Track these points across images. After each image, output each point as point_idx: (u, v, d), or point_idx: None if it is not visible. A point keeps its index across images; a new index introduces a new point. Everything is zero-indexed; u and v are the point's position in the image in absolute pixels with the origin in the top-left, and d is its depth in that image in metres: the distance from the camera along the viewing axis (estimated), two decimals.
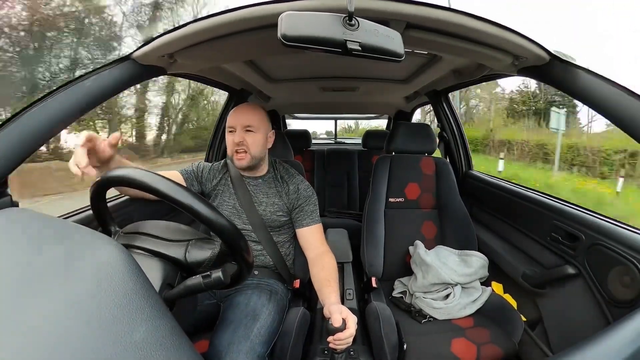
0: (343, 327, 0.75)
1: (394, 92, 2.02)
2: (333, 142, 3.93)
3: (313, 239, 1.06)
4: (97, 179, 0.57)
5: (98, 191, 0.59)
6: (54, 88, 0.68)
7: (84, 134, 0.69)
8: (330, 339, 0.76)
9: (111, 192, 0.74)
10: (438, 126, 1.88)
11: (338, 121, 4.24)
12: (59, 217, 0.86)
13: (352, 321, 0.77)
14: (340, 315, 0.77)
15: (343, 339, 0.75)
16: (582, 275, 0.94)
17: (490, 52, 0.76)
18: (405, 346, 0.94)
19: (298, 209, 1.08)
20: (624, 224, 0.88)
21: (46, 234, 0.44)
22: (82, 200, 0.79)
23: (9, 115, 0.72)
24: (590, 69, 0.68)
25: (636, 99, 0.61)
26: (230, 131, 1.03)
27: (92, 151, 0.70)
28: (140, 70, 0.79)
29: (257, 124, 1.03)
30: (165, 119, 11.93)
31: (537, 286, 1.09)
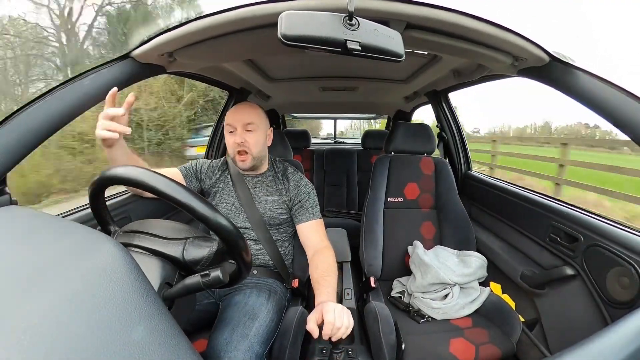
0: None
1: (394, 92, 2.02)
2: (332, 141, 3.93)
3: (312, 234, 1.05)
4: (94, 179, 0.57)
5: (96, 190, 0.59)
6: (54, 86, 0.68)
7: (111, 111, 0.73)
8: (325, 335, 0.72)
9: (109, 191, 0.74)
10: (437, 126, 1.88)
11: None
12: (57, 215, 0.86)
13: (347, 315, 0.73)
14: (332, 316, 0.72)
15: (339, 333, 0.71)
16: (580, 276, 0.95)
17: (490, 52, 0.76)
18: (403, 346, 0.94)
19: (298, 204, 1.08)
20: (622, 225, 0.88)
21: (45, 233, 0.44)
22: None
23: None
24: (590, 70, 0.68)
25: (635, 100, 0.61)
26: (231, 132, 1.03)
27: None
28: (139, 69, 0.79)
29: (257, 121, 1.03)
30: None
31: (536, 287, 1.09)
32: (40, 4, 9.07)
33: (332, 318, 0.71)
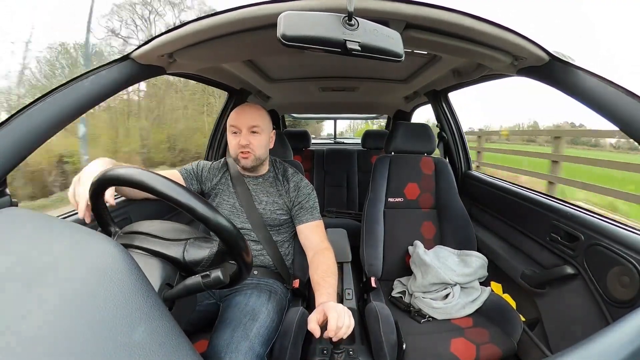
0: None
1: (394, 92, 2.02)
2: (332, 142, 3.93)
3: (312, 235, 1.05)
4: (95, 179, 0.57)
5: (97, 191, 0.59)
6: (53, 87, 0.68)
7: (108, 194, 0.68)
8: (328, 334, 0.72)
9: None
10: (437, 126, 1.89)
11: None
12: (58, 216, 0.86)
13: (348, 315, 0.73)
14: (335, 314, 0.71)
15: (340, 332, 0.71)
16: (581, 275, 0.95)
17: (490, 52, 0.76)
18: (404, 346, 0.94)
19: (298, 205, 1.09)
20: (623, 224, 0.88)
21: (45, 234, 0.44)
22: None
23: None
24: (589, 69, 0.68)
25: (635, 99, 0.61)
26: (235, 132, 1.03)
27: None
28: (139, 70, 0.79)
29: (261, 124, 1.03)
30: None
31: (536, 286, 1.09)
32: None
33: (334, 317, 0.71)
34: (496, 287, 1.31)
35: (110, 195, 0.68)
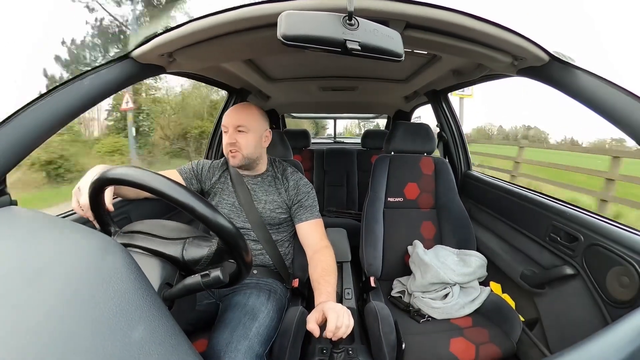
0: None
1: (394, 92, 2.02)
2: (332, 141, 3.93)
3: (312, 234, 1.05)
4: (95, 178, 0.57)
5: (96, 191, 0.59)
6: (53, 86, 0.68)
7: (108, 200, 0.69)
8: (327, 333, 0.72)
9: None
10: (437, 126, 1.89)
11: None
12: (57, 215, 0.86)
13: (347, 315, 0.74)
14: (334, 314, 0.72)
15: (340, 332, 0.71)
16: (580, 275, 0.95)
17: (490, 52, 0.77)
18: (403, 345, 0.94)
19: (297, 204, 1.09)
20: (622, 224, 0.88)
21: (45, 233, 0.44)
22: None
23: None
24: (590, 69, 0.68)
25: (635, 99, 0.61)
26: (225, 131, 1.05)
27: None
28: (139, 69, 0.79)
29: (247, 124, 1.03)
30: None
31: (536, 286, 1.09)
32: None
33: (334, 317, 0.71)
34: (495, 287, 1.31)
35: (108, 201, 0.68)
